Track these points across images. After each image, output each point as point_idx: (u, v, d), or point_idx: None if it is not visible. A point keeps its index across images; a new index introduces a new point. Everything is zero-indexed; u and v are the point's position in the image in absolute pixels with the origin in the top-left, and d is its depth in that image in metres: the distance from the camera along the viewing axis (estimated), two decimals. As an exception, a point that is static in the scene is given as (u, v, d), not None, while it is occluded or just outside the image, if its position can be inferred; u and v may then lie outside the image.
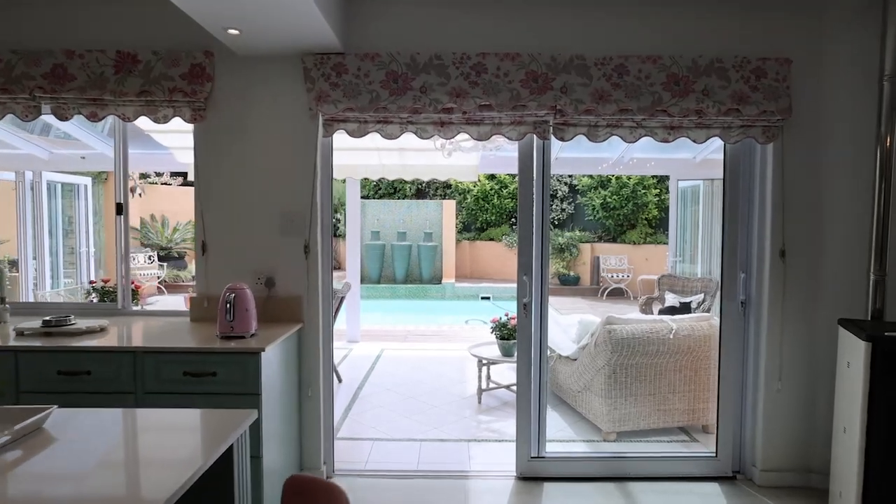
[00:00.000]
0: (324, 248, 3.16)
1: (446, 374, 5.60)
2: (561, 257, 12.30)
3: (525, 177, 3.21)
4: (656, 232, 12.16)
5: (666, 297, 6.25)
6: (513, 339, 4.62)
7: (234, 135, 3.05)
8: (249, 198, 3.07)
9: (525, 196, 3.21)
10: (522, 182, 3.22)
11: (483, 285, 12.19)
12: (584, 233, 12.61)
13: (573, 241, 12.29)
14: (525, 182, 3.21)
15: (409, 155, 6.53)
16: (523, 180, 3.22)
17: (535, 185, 3.20)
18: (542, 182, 3.21)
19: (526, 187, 3.21)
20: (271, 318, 3.06)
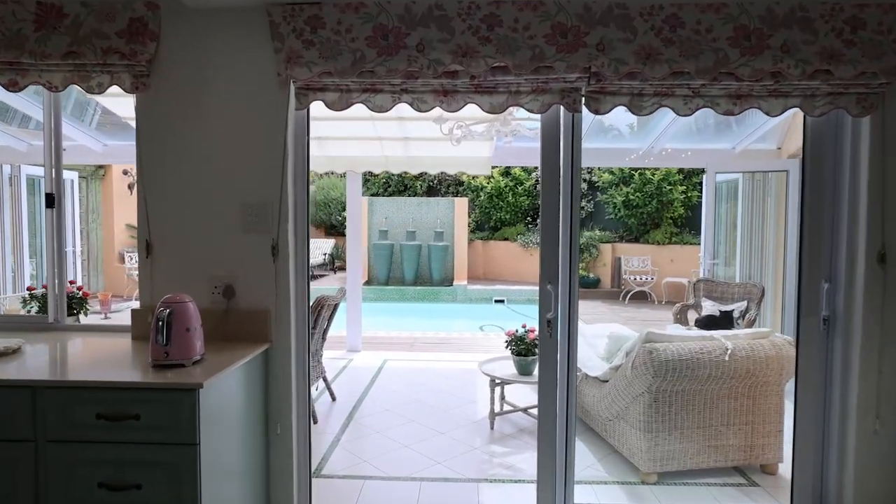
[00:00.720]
0: (298, 249, 2.54)
1: (455, 390, 4.96)
2: (580, 258, 11.60)
3: (549, 162, 2.56)
4: (682, 231, 11.40)
5: (703, 305, 5.55)
6: (531, 356, 3.97)
7: (184, 108, 2.45)
8: (205, 186, 2.46)
9: (549, 186, 2.56)
10: (546, 168, 2.57)
11: (497, 288, 11.54)
12: (605, 232, 11.89)
13: (593, 241, 11.58)
14: (549, 168, 2.56)
15: (414, 146, 5.91)
16: (547, 166, 2.57)
17: (561, 173, 2.55)
18: (570, 168, 2.55)
19: (550, 175, 2.56)
20: (231, 336, 2.45)
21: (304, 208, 2.55)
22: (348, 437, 3.87)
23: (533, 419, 4.17)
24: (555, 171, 2.56)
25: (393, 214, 12.43)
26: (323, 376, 4.52)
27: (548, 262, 2.56)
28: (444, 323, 9.98)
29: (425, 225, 12.38)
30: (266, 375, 2.48)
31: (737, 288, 5.52)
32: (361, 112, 5.05)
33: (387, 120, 5.26)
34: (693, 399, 3.13)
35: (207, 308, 2.45)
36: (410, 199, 12.71)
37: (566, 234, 2.55)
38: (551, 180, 2.56)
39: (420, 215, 12.43)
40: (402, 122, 5.32)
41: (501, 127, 3.88)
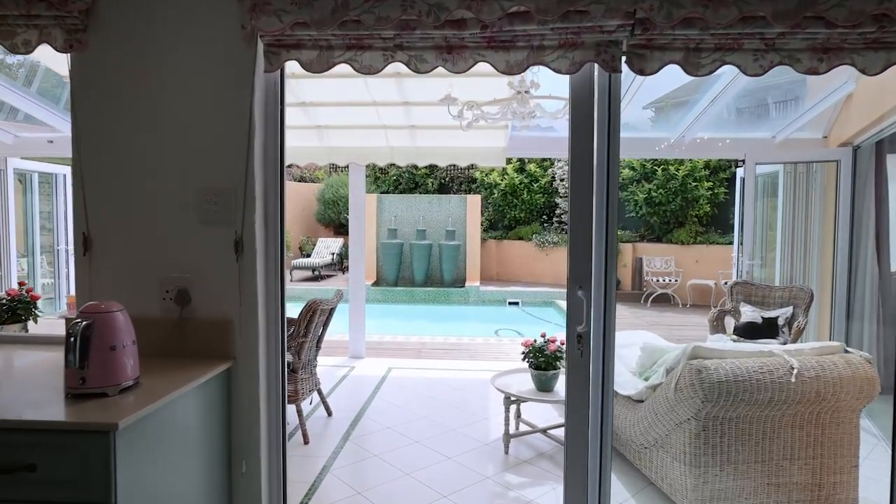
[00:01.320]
0: (269, 246, 2.07)
1: (465, 405, 4.46)
2: (598, 258, 11.02)
3: (580, 138, 2.06)
4: (708, 231, 10.78)
5: (742, 311, 4.99)
6: (552, 370, 3.47)
7: (129, 71, 1.98)
8: (154, 167, 2.00)
9: (581, 169, 2.06)
10: (576, 147, 2.06)
11: (511, 289, 11.02)
12: (625, 231, 11.30)
13: (612, 241, 10.99)
14: (580, 146, 2.06)
15: (421, 135, 5.43)
16: (578, 144, 2.06)
17: (595, 152, 2.05)
18: (606, 146, 2.05)
19: (581, 155, 2.06)
20: (185, 351, 1.98)
21: (277, 195, 2.08)
22: (343, 461, 3.40)
23: (554, 443, 3.66)
24: (587, 149, 2.05)
25: (402, 212, 11.96)
26: (317, 389, 4.05)
27: (578, 263, 2.05)
28: (455, 326, 9.49)
29: (436, 223, 11.90)
30: (228, 401, 2.01)
31: (780, 292, 4.96)
32: (362, 96, 4.59)
33: (390, 105, 4.79)
34: (749, 428, 2.61)
35: (157, 317, 1.99)
36: (421, 196, 12.22)
37: (601, 228, 2.05)
38: (583, 161, 2.05)
39: (431, 213, 11.95)
40: (408, 107, 4.84)
41: (518, 107, 3.39)
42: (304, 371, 3.76)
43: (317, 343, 3.96)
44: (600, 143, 2.04)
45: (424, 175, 13.98)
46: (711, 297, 9.99)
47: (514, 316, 9.92)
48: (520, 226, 12.63)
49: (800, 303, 4.72)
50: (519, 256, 12.38)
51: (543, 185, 12.35)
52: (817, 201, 5.44)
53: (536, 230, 12.24)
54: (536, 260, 12.08)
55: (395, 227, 11.78)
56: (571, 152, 2.07)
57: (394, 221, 11.88)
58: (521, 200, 12.45)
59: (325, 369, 5.41)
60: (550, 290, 10.91)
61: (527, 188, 12.40)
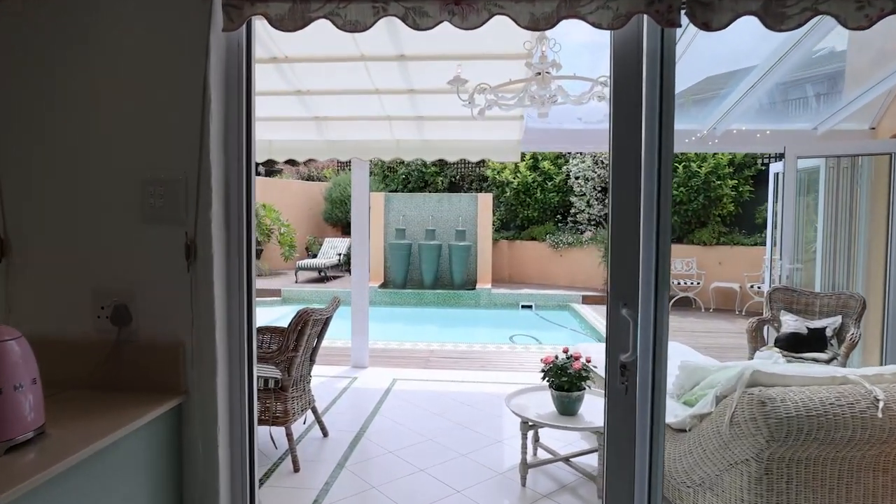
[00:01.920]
0: (232, 250, 1.65)
1: (477, 424, 4.03)
2: (616, 260, 10.52)
3: (625, 115, 1.62)
4: (732, 231, 10.24)
5: (783, 320, 4.50)
6: (576, 391, 3.02)
7: (51, 35, 1.58)
8: (84, 154, 1.59)
9: (624, 156, 1.62)
10: (620, 126, 1.63)
11: (523, 292, 10.56)
12: (643, 232, 10.78)
13: (630, 242, 10.48)
14: (625, 126, 1.62)
15: (429, 127, 5.00)
16: (622, 123, 1.63)
17: (644, 134, 1.61)
18: (657, 125, 1.60)
19: (626, 137, 1.62)
20: (123, 384, 1.58)
21: (243, 187, 1.66)
22: (336, 494, 2.98)
23: (577, 474, 3.22)
24: (632, 130, 1.61)
25: (411, 212, 11.54)
26: (312, 407, 3.64)
27: (622, 274, 1.62)
28: (466, 332, 9.05)
29: (446, 223, 11.47)
30: (178, 448, 1.60)
31: (826, 299, 4.46)
32: (364, 83, 4.17)
33: (394, 94, 4.37)
34: (822, 471, 2.15)
35: (89, 340, 1.58)
36: (430, 195, 11.79)
37: (650, 229, 1.60)
38: (627, 146, 1.61)
39: (440, 212, 11.52)
40: (414, 96, 4.42)
41: (539, 90, 2.94)
42: (296, 388, 3.35)
43: (310, 357, 3.55)
44: (650, 121, 1.60)
45: (434, 173, 13.56)
46: (736, 301, 9.47)
47: (528, 320, 9.46)
48: (533, 225, 12.17)
49: (850, 312, 4.23)
50: (532, 258, 11.91)
51: (558, 183, 11.87)
52: (864, 198, 4.94)
53: (550, 230, 11.77)
54: (550, 261, 11.61)
55: (403, 226, 11.37)
56: (614, 134, 1.63)
57: (402, 221, 11.47)
58: (534, 199, 11.99)
59: (323, 381, 5.01)
60: (566, 292, 10.44)
61: (540, 186, 11.93)
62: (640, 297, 1.60)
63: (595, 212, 11.65)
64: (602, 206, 11.65)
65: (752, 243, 9.81)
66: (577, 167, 11.75)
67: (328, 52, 3.79)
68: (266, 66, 3.93)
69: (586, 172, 11.63)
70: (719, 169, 9.95)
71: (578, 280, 11.22)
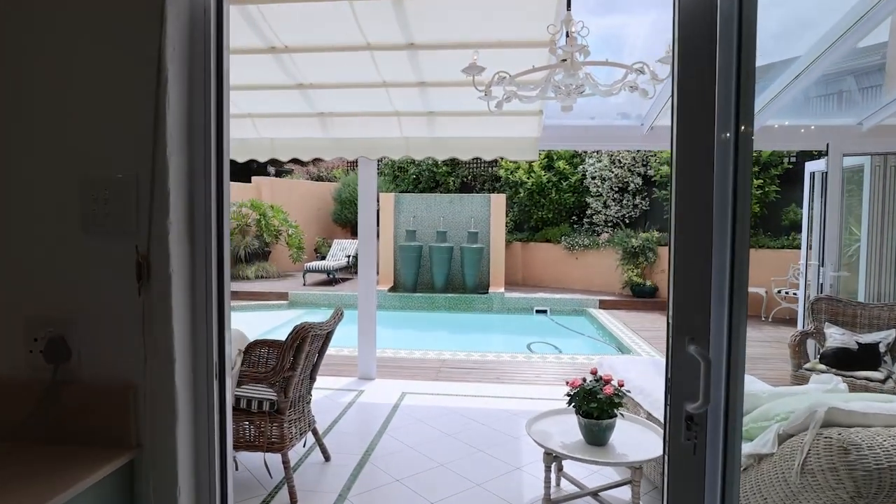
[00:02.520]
0: (197, 267, 1.33)
1: (492, 446, 3.69)
2: (634, 263, 10.13)
3: (692, 101, 1.27)
4: (757, 233, 9.79)
5: (828, 333, 4.11)
6: (606, 419, 2.67)
7: (-24, -7, 1.27)
8: (7, 147, 1.28)
9: (692, 153, 1.27)
10: (685, 115, 1.28)
11: (538, 296, 10.20)
12: (663, 233, 10.37)
13: (650, 244, 10.09)
14: (692, 116, 1.27)
15: (441, 124, 4.68)
16: (687, 111, 1.28)
17: (717, 123, 1.26)
18: (734, 112, 1.25)
19: (693, 128, 1.27)
20: (60, 434, 1.27)
21: (211, 188, 1.34)
22: (336, 532, 2.66)
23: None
24: (704, 119, 1.26)
25: (422, 212, 11.22)
26: (312, 428, 3.32)
27: (688, 301, 1.27)
28: (479, 339, 8.72)
29: (458, 224, 11.13)
30: (126, 515, 1.28)
31: (877, 310, 4.07)
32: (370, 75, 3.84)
33: (403, 87, 4.05)
34: (916, 531, 1.78)
35: (18, 381, 1.28)
36: (441, 195, 11.45)
37: (722, 244, 1.26)
38: (695, 138, 1.27)
39: (452, 213, 11.18)
40: (424, 89, 4.10)
41: (566, 77, 2.59)
42: (294, 410, 3.03)
43: (311, 374, 3.24)
44: (724, 109, 1.25)
45: (445, 173, 13.23)
46: (762, 307, 9.03)
47: (543, 326, 9.10)
48: (547, 227, 11.80)
49: (906, 325, 3.83)
50: (546, 260, 11.54)
51: (573, 183, 11.49)
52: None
53: (566, 232, 11.39)
54: (565, 264, 11.23)
55: (414, 228, 11.05)
56: (678, 120, 1.28)
57: (412, 222, 11.15)
58: (548, 200, 11.61)
59: (326, 395, 4.71)
60: (582, 297, 10.06)
61: (555, 186, 11.56)
62: (712, 330, 1.26)
63: (612, 213, 11.25)
64: (619, 206, 11.25)
65: (779, 246, 9.36)
66: (593, 167, 11.36)
67: (331, 40, 3.48)
68: (264, 56, 3.63)
69: (603, 172, 11.24)
70: (744, 168, 9.51)
71: (595, 283, 10.83)
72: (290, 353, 2.84)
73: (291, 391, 2.94)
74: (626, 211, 11.24)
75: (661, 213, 10.83)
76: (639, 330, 7.97)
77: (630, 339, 7.33)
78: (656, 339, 7.36)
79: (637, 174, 11.15)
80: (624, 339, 7.39)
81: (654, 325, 8.45)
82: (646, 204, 11.21)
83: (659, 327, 8.24)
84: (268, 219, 12.34)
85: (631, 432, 2.85)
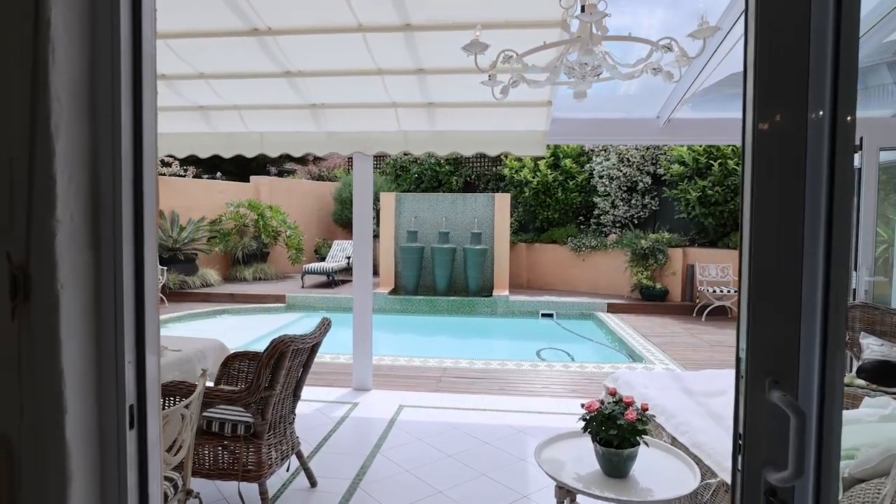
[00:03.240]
0: (103, 281, 1.00)
1: (496, 469, 3.35)
2: (644, 265, 9.76)
3: (777, 66, 0.93)
4: (772, 234, 9.40)
5: (864, 343, 3.75)
6: (627, 448, 2.32)
7: None
8: None
9: (772, 141, 0.93)
10: (765, 86, 0.93)
11: (543, 299, 9.84)
12: (674, 235, 10.00)
13: (660, 245, 9.72)
14: (773, 99, 0.93)
15: (441, 116, 4.34)
16: (772, 60, 0.93)
17: (809, 100, 0.92)
18: (828, 85, 0.91)
19: (775, 101, 0.93)
20: None
21: (120, 173, 1.00)
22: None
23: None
24: (794, 79, 0.92)
25: (424, 213, 10.88)
26: (296, 451, 2.99)
27: (770, 330, 0.92)
28: (482, 344, 8.37)
29: (460, 225, 10.78)
30: None
31: (920, 319, 3.70)
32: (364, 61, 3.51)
33: (400, 74, 3.71)
34: None
35: None
36: (444, 195, 11.11)
37: (814, 255, 0.91)
38: (777, 118, 0.93)
39: (455, 214, 10.83)
40: (423, 77, 3.76)
41: (582, 56, 2.25)
42: (273, 434, 2.70)
43: (294, 390, 2.90)
44: (818, 85, 0.91)
45: (448, 172, 12.90)
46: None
47: (549, 330, 8.74)
48: (553, 227, 11.44)
49: (954, 337, 3.47)
50: (552, 262, 11.18)
51: (580, 182, 11.13)
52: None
53: (572, 233, 11.03)
54: (572, 266, 10.87)
55: (416, 228, 10.71)
56: (756, 101, 0.94)
57: (414, 223, 10.82)
58: (554, 199, 11.26)
59: (317, 408, 4.38)
60: (589, 300, 9.70)
61: (561, 186, 11.20)
62: (801, 371, 0.91)
63: (620, 213, 10.89)
64: (628, 206, 10.88)
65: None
66: (600, 165, 11.00)
67: (318, 20, 3.15)
68: (246, 39, 3.30)
69: (611, 171, 10.87)
70: (759, 167, 9.12)
71: (601, 286, 10.47)
72: (266, 370, 2.50)
73: (270, 412, 2.60)
74: (635, 211, 10.88)
75: (671, 213, 10.46)
76: (650, 335, 7.61)
77: (641, 346, 6.97)
78: (669, 345, 7.00)
79: (646, 173, 10.78)
80: (635, 345, 7.03)
81: (666, 329, 8.09)
82: (655, 204, 10.85)
83: (671, 332, 7.88)
84: (266, 219, 12.04)
85: (654, 461, 2.51)
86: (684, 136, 4.88)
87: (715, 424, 2.77)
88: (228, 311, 9.28)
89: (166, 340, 3.29)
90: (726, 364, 6.05)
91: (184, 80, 3.89)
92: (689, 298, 9.54)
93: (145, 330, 1.05)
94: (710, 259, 9.52)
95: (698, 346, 7.09)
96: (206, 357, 3.16)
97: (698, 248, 9.86)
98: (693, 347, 6.96)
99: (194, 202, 11.64)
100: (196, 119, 4.51)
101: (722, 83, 4.53)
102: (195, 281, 10.51)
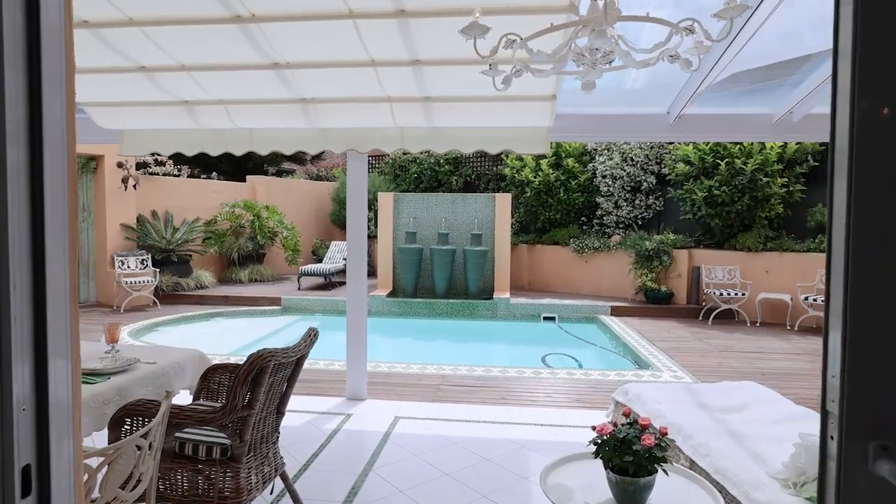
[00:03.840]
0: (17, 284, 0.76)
1: (498, 491, 3.11)
2: (648, 267, 9.52)
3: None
4: (780, 235, 9.17)
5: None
6: (643, 477, 2.08)
7: None
8: None
9: (878, 97, 0.68)
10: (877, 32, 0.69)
11: (545, 301, 9.61)
12: (679, 236, 9.76)
13: (664, 247, 9.48)
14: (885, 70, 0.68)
15: (438, 111, 4.10)
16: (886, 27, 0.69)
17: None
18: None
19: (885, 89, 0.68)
20: None
21: (26, 162, 0.76)
22: None
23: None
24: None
25: (423, 213, 10.64)
26: (280, 473, 2.75)
27: (874, 376, 0.68)
28: (482, 349, 8.13)
29: (460, 226, 10.55)
30: None
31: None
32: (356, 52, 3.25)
33: (395, 66, 3.47)
34: None
35: None
36: (443, 195, 10.87)
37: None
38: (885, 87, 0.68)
39: (454, 214, 10.60)
40: (419, 69, 3.52)
41: (593, 39, 2.01)
42: (254, 456, 2.46)
43: (278, 407, 2.66)
44: None
45: (448, 172, 12.67)
46: (787, 315, 8.41)
47: (551, 334, 8.51)
48: (555, 228, 11.21)
49: None
50: (554, 263, 10.95)
51: (583, 182, 10.90)
52: None
53: (574, 233, 10.80)
54: (574, 268, 10.64)
55: (414, 229, 10.47)
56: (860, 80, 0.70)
57: (413, 223, 10.58)
58: (556, 200, 11.02)
59: (308, 420, 4.14)
60: (592, 302, 9.46)
61: (563, 186, 10.96)
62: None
63: (624, 213, 10.65)
64: (632, 207, 10.63)
65: (805, 250, 8.73)
66: (603, 165, 10.76)
67: (305, 6, 2.91)
68: (228, 27, 3.06)
69: (614, 171, 10.63)
70: (767, 166, 8.89)
71: (604, 288, 10.24)
72: (243, 388, 2.26)
73: (249, 433, 2.36)
74: (639, 211, 10.64)
75: (676, 213, 10.21)
76: (655, 340, 7.37)
77: (647, 351, 6.73)
78: (676, 350, 6.76)
79: (650, 172, 10.54)
80: (641, 350, 6.79)
81: (671, 333, 7.85)
82: (660, 204, 10.61)
83: (677, 336, 7.64)
84: (262, 220, 11.81)
85: (673, 490, 2.27)
86: (697, 132, 4.63)
87: (736, 445, 2.53)
88: (223, 314, 9.05)
89: (141, 351, 3.05)
90: (737, 371, 5.80)
91: (164, 72, 3.65)
92: (696, 301, 9.31)
93: (48, 367, 0.82)
94: (716, 261, 9.28)
95: (707, 351, 6.84)
96: (184, 370, 2.92)
97: (704, 249, 9.62)
98: (701, 353, 6.72)
99: (189, 202, 11.41)
100: (180, 114, 4.27)
101: (734, 77, 4.30)
102: (189, 283, 10.27)
